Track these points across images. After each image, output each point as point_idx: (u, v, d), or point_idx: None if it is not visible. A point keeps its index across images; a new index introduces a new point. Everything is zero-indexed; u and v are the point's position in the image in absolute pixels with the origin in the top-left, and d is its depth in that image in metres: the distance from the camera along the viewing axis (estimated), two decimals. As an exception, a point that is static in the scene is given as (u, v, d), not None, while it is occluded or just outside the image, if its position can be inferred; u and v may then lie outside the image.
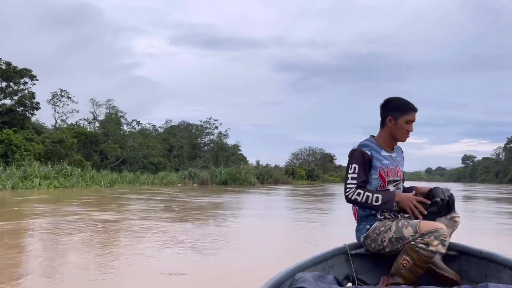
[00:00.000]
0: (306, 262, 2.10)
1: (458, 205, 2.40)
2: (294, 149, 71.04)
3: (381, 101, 2.35)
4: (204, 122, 54.02)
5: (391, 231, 2.16)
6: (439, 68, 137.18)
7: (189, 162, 43.82)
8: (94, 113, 34.51)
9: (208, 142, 54.01)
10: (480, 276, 2.17)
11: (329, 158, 69.60)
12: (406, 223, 2.13)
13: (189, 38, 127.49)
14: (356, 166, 2.23)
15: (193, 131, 52.94)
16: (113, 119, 34.43)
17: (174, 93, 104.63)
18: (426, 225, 2.06)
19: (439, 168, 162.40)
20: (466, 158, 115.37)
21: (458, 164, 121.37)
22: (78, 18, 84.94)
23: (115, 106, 34.92)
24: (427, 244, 2.01)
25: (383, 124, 2.33)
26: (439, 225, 2.06)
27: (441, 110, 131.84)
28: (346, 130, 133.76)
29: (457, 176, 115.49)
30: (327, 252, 2.25)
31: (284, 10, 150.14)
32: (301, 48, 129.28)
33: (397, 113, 2.27)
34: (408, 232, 2.09)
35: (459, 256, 2.29)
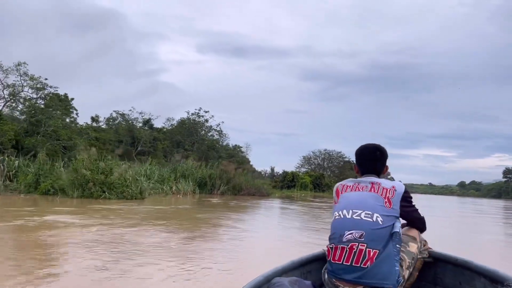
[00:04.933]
0: (284, 267, 2.11)
1: None
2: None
3: (410, 113, 1.56)
4: (192, 114, 44.24)
5: (405, 261, 2.00)
6: (468, 80, 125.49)
7: (164, 159, 34.11)
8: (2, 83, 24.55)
9: (198, 139, 43.98)
10: (455, 283, 2.19)
11: (351, 166, 58.85)
12: (402, 244, 2.00)
13: (216, 46, 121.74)
14: None
15: (195, 126, 43.19)
16: (26, 91, 24.72)
17: (199, 99, 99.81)
18: (414, 232, 2.12)
19: (473, 182, 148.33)
20: (508, 172, 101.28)
21: (492, 178, 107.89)
22: (102, 23, 79.69)
23: (31, 75, 24.39)
24: (425, 249, 2.16)
25: (383, 170, 2.21)
26: (415, 230, 2.16)
27: (470, 123, 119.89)
28: (371, 140, 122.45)
29: (497, 191, 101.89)
30: (305, 257, 2.26)
31: (311, 19, 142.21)
32: (327, 57, 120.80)
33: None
34: (414, 248, 2.07)
35: (435, 262, 2.27)
